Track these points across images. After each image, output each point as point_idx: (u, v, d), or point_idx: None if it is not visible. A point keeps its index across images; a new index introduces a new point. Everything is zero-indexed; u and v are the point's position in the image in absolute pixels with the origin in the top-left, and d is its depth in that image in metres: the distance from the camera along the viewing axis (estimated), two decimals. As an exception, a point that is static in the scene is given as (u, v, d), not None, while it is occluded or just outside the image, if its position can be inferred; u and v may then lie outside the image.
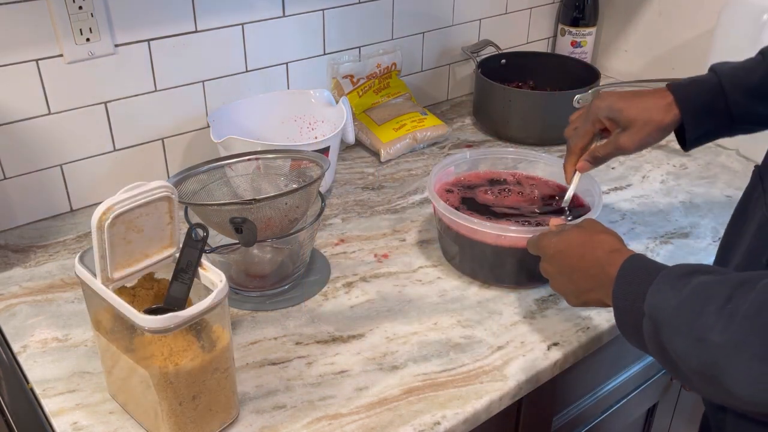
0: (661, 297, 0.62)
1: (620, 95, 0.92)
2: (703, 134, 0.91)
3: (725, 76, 0.87)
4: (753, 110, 0.87)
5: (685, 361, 0.59)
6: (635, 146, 0.91)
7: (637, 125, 0.90)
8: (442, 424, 0.77)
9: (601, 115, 0.92)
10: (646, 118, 0.89)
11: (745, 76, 0.87)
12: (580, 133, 0.95)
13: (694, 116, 0.89)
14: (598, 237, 0.77)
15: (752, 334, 0.54)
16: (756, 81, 0.86)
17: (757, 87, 0.86)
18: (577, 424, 1.06)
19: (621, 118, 0.90)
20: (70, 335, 0.88)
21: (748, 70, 0.87)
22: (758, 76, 0.86)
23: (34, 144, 1.06)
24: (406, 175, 1.28)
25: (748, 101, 0.87)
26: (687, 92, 0.89)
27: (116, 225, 0.66)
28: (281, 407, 0.78)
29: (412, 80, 1.49)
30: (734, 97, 0.87)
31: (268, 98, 1.22)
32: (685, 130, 0.91)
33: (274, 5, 1.21)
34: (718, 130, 0.90)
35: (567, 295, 0.80)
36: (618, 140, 0.91)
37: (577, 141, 0.96)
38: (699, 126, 0.89)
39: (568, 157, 0.97)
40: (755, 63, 0.88)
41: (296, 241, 0.94)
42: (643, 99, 0.90)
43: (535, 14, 1.65)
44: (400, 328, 0.90)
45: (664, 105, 0.89)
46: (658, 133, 0.90)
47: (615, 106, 0.91)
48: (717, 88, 0.87)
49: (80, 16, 1.01)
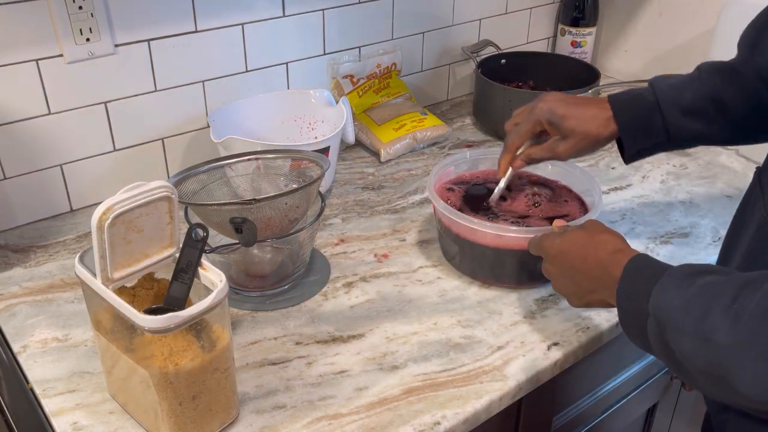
0: (666, 297, 0.62)
1: (563, 100, 0.94)
2: (640, 150, 0.93)
3: (662, 93, 0.89)
4: (688, 128, 0.89)
5: (691, 361, 0.59)
6: (570, 156, 0.94)
7: (575, 136, 0.92)
8: (442, 424, 0.77)
9: (543, 118, 0.94)
10: (585, 130, 0.91)
11: (680, 94, 0.89)
12: (520, 132, 0.97)
13: (632, 133, 0.91)
14: (600, 237, 0.77)
15: (759, 335, 0.54)
16: (691, 100, 0.88)
17: (690, 105, 0.88)
18: (577, 424, 1.06)
19: (561, 126, 0.92)
20: (70, 335, 0.88)
21: (684, 89, 0.89)
22: (693, 95, 0.88)
23: (34, 144, 1.06)
24: (406, 175, 1.28)
25: (683, 120, 0.89)
26: (626, 110, 0.91)
27: (116, 225, 0.66)
28: (281, 407, 0.78)
29: (412, 80, 1.49)
30: (670, 115, 0.89)
31: (268, 98, 1.22)
32: (623, 146, 0.93)
33: (274, 5, 1.21)
34: (656, 146, 0.92)
35: (569, 296, 0.80)
36: (555, 148, 0.94)
37: (515, 139, 0.97)
38: (636, 143, 0.92)
39: (504, 153, 0.99)
40: (690, 80, 0.90)
41: (296, 241, 0.94)
42: (585, 109, 0.92)
43: (535, 14, 1.65)
44: (400, 328, 0.90)
45: (604, 119, 0.91)
46: (595, 146, 0.93)
47: (557, 112, 0.92)
48: (654, 107, 0.89)
49: (80, 16, 1.01)
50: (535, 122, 0.94)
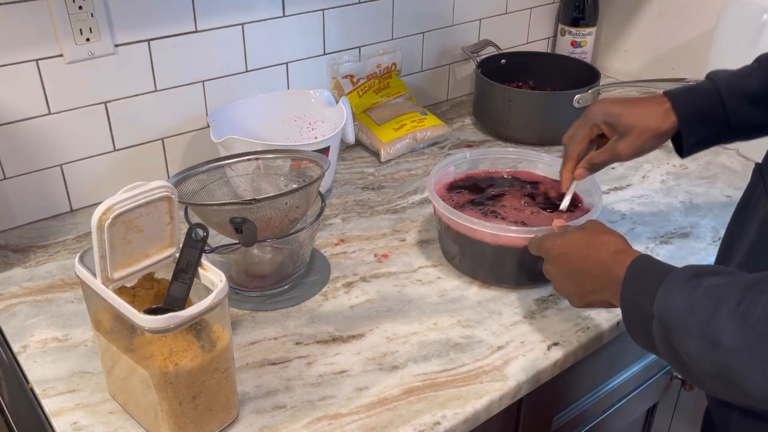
0: (671, 299, 0.62)
1: (617, 101, 0.92)
2: (699, 141, 0.91)
3: (722, 83, 0.87)
4: (750, 117, 0.87)
5: (697, 363, 0.59)
6: (633, 153, 0.91)
7: (634, 132, 0.89)
8: (442, 424, 0.77)
9: (599, 120, 0.92)
10: (643, 125, 0.89)
11: (742, 83, 0.87)
12: (578, 139, 0.94)
13: (692, 123, 0.89)
14: (602, 238, 0.77)
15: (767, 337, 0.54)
16: (753, 88, 0.86)
17: (754, 94, 0.86)
18: (577, 424, 1.06)
19: (619, 124, 0.90)
20: (70, 335, 0.88)
21: (745, 77, 0.87)
22: (755, 83, 0.86)
23: (34, 144, 1.06)
24: (406, 175, 1.28)
25: (745, 108, 0.87)
26: (684, 99, 0.89)
27: (116, 225, 0.66)
28: (281, 407, 0.78)
29: (412, 80, 1.49)
30: (731, 104, 0.87)
31: (268, 98, 1.22)
32: (682, 137, 0.91)
33: (274, 5, 1.21)
34: (716, 137, 0.90)
35: (570, 296, 0.80)
36: (616, 147, 0.91)
37: (575, 146, 0.95)
38: (696, 133, 0.90)
39: (566, 163, 0.96)
40: (752, 70, 0.88)
41: (296, 241, 0.94)
42: (641, 105, 0.90)
43: (535, 14, 1.65)
44: (400, 328, 0.90)
45: (662, 112, 0.89)
46: (656, 140, 0.90)
47: (612, 112, 0.90)
48: (714, 96, 0.87)
49: (80, 16, 1.01)
50: (592, 125, 0.92)
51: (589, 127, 0.93)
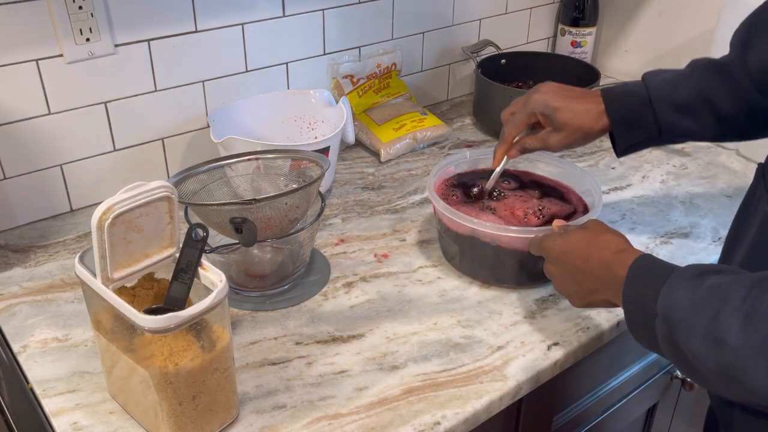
0: (675, 298, 0.62)
1: (557, 92, 0.95)
2: (632, 145, 0.94)
3: (654, 89, 0.90)
4: (679, 125, 0.90)
5: (702, 361, 0.59)
6: (561, 148, 0.95)
7: (567, 130, 0.93)
8: (442, 424, 0.77)
9: (537, 110, 0.94)
10: (577, 124, 0.92)
11: (673, 90, 0.89)
12: (516, 123, 0.97)
13: (623, 128, 0.92)
14: (603, 237, 0.77)
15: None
16: (682, 97, 0.88)
17: (683, 102, 0.88)
18: (577, 423, 1.06)
19: (554, 118, 0.93)
20: (70, 335, 0.88)
21: (676, 85, 0.89)
22: (684, 93, 0.88)
23: (34, 144, 1.06)
24: (406, 175, 1.28)
25: (675, 116, 0.89)
26: (618, 104, 0.92)
27: (116, 225, 0.66)
28: (281, 407, 0.78)
29: (412, 80, 1.49)
30: (662, 111, 0.89)
31: (268, 98, 1.22)
32: (615, 140, 0.94)
33: (274, 5, 1.21)
34: (647, 141, 0.93)
35: (572, 296, 0.80)
36: (548, 139, 0.95)
37: (512, 130, 0.98)
38: (628, 137, 0.93)
39: (501, 144, 1.00)
40: (683, 78, 0.90)
41: (296, 241, 0.94)
42: (578, 102, 0.93)
43: (535, 14, 1.65)
44: (400, 328, 0.90)
45: (596, 113, 0.92)
46: (586, 139, 0.94)
47: (551, 104, 0.93)
48: (645, 102, 0.90)
49: (80, 16, 1.01)
50: (530, 113, 0.95)
51: (527, 114, 0.96)
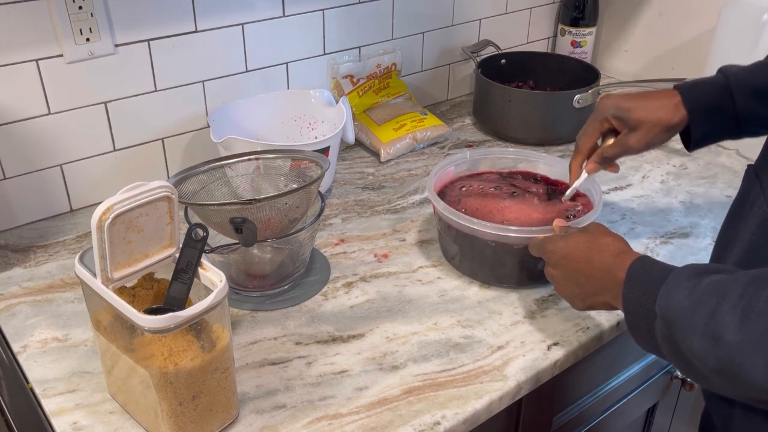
0: (673, 298, 0.62)
1: (627, 95, 0.92)
2: (707, 134, 0.90)
3: (732, 77, 0.87)
4: (759, 112, 0.87)
5: (701, 359, 0.59)
6: (643, 147, 0.91)
7: (645, 126, 0.89)
8: (442, 424, 0.77)
9: (609, 114, 0.92)
10: (654, 119, 0.89)
11: (752, 77, 0.86)
12: (588, 133, 0.95)
13: (701, 116, 0.89)
14: (603, 240, 0.77)
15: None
16: (762, 82, 0.86)
17: (763, 89, 0.86)
18: (577, 424, 1.06)
19: (629, 117, 0.90)
20: (70, 335, 0.88)
21: (756, 72, 0.87)
22: (764, 78, 0.86)
23: (34, 144, 1.06)
24: (406, 175, 1.28)
25: (754, 103, 0.86)
26: (695, 92, 0.89)
27: (116, 225, 0.66)
28: (281, 407, 0.78)
29: (412, 80, 1.49)
30: (740, 98, 0.86)
31: (268, 98, 1.22)
32: (690, 131, 0.90)
33: (274, 5, 1.21)
34: (724, 131, 0.90)
35: (572, 298, 0.80)
36: (626, 141, 0.91)
37: (585, 140, 0.95)
38: (704, 126, 0.89)
39: (575, 156, 0.97)
40: (762, 65, 0.88)
41: (296, 241, 0.94)
42: (651, 99, 0.90)
43: (535, 14, 1.65)
44: (400, 328, 0.90)
45: (672, 105, 0.89)
46: (666, 134, 0.90)
47: (623, 106, 0.90)
48: (724, 89, 0.87)
49: (80, 16, 1.01)
50: (602, 120, 0.93)
51: (600, 121, 0.93)
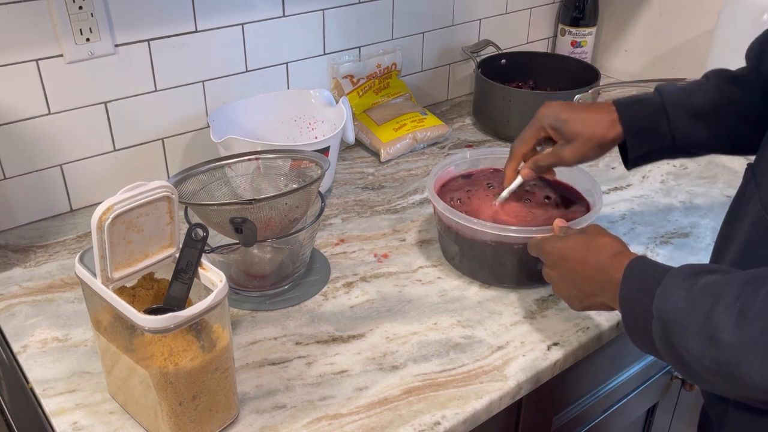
0: (669, 299, 0.62)
1: (567, 106, 0.92)
2: (644, 154, 0.91)
3: (669, 97, 0.88)
4: (694, 134, 0.88)
5: (698, 360, 0.60)
6: (576, 160, 0.92)
7: (580, 140, 0.90)
8: (442, 424, 0.77)
9: (546, 124, 0.92)
10: (589, 133, 0.89)
11: (688, 98, 0.88)
12: (524, 139, 0.95)
13: (637, 136, 0.90)
14: (600, 241, 0.77)
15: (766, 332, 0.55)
16: (698, 104, 0.87)
17: (698, 110, 0.87)
18: (577, 423, 1.06)
19: (565, 129, 0.90)
20: (70, 335, 0.88)
21: (691, 93, 0.88)
22: (700, 100, 0.87)
23: (34, 144, 1.06)
24: (406, 175, 1.28)
25: (689, 124, 0.88)
26: (631, 111, 0.89)
27: (116, 225, 0.66)
28: (281, 407, 0.78)
29: (412, 80, 1.49)
30: (676, 118, 0.87)
31: (268, 98, 1.22)
32: (627, 149, 0.91)
33: (274, 5, 1.21)
34: (660, 151, 0.91)
35: (570, 299, 0.81)
36: (561, 153, 0.92)
37: (520, 146, 0.96)
38: (641, 146, 0.90)
39: (510, 160, 0.97)
40: (698, 86, 0.89)
41: (296, 241, 0.94)
42: (589, 113, 0.91)
43: (535, 14, 1.65)
44: (400, 328, 0.90)
45: (608, 121, 0.89)
46: (600, 149, 0.91)
47: (560, 117, 0.91)
48: (660, 110, 0.88)
49: (80, 16, 1.01)
50: (539, 128, 0.93)
51: (536, 129, 0.94)
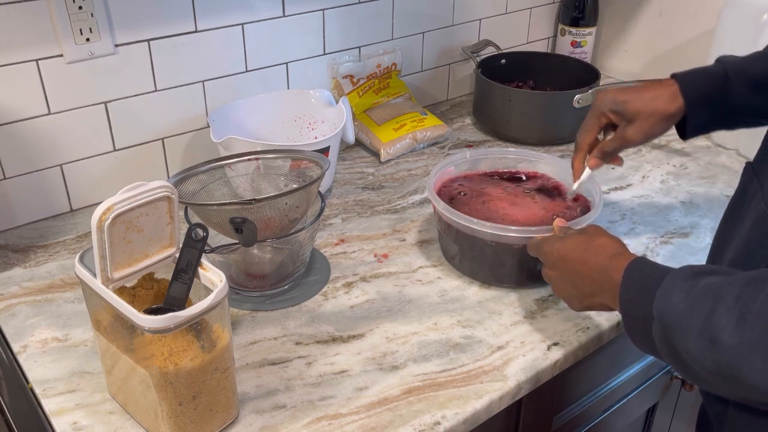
0: (669, 300, 0.62)
1: (623, 88, 0.92)
2: (703, 123, 0.90)
3: (730, 66, 0.87)
4: (756, 102, 0.87)
5: (698, 361, 0.60)
6: (642, 138, 0.91)
7: (642, 117, 0.89)
8: (442, 424, 0.77)
9: (605, 109, 0.92)
10: (651, 108, 0.89)
11: (750, 68, 0.86)
12: (587, 128, 0.95)
13: (698, 106, 0.88)
14: (599, 241, 0.77)
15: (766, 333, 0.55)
16: (760, 72, 0.86)
17: (761, 78, 0.86)
18: (577, 423, 1.06)
19: (625, 110, 0.90)
20: (70, 335, 0.88)
21: (754, 62, 0.87)
22: (762, 68, 0.86)
23: (34, 144, 1.06)
24: (406, 175, 1.27)
25: (752, 93, 0.86)
26: (691, 81, 0.88)
27: (116, 225, 0.66)
28: (281, 407, 0.78)
29: (412, 80, 1.49)
30: (738, 88, 0.86)
31: (268, 98, 1.22)
32: (687, 120, 0.90)
33: (274, 5, 1.21)
34: (720, 121, 0.90)
35: (570, 299, 0.81)
36: (625, 133, 0.91)
37: (584, 136, 0.95)
38: (701, 116, 0.89)
39: (576, 153, 0.97)
40: (761, 55, 0.88)
41: (296, 241, 0.94)
42: (647, 90, 0.90)
43: (535, 14, 1.65)
44: (400, 328, 0.90)
45: (669, 94, 0.88)
46: (664, 123, 0.90)
47: (619, 99, 0.90)
48: (722, 78, 0.87)
49: (80, 16, 1.01)
50: (599, 114, 0.93)
51: (597, 116, 0.93)
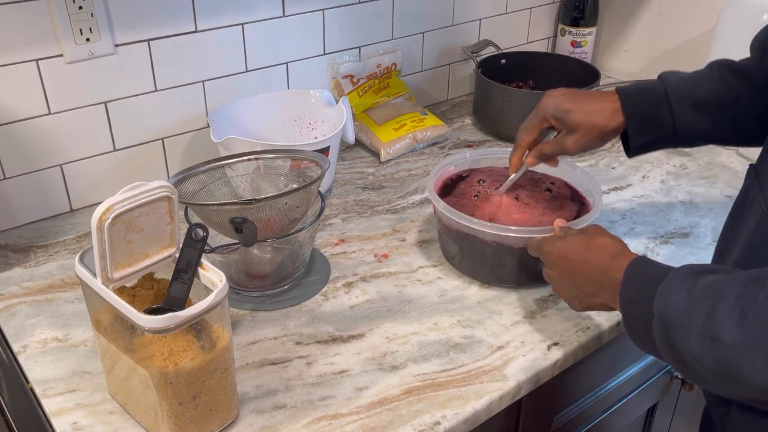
0: (670, 299, 0.62)
1: (570, 95, 0.93)
2: (646, 143, 0.92)
3: (671, 86, 0.88)
4: (696, 124, 0.88)
5: (699, 360, 0.60)
6: (579, 150, 0.93)
7: (582, 129, 0.91)
8: (442, 424, 0.77)
9: (548, 114, 0.93)
10: (591, 123, 0.90)
11: (691, 88, 0.88)
12: (527, 128, 0.96)
13: (639, 125, 0.90)
14: (600, 241, 0.77)
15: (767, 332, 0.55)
16: (701, 95, 0.87)
17: (701, 101, 0.87)
18: (577, 423, 1.06)
19: (567, 119, 0.91)
20: (70, 335, 0.88)
21: (695, 83, 0.88)
22: (704, 90, 0.87)
23: (34, 144, 1.06)
24: (406, 175, 1.28)
25: (691, 114, 0.88)
26: (633, 99, 0.90)
27: (116, 225, 0.66)
28: (281, 407, 0.78)
29: (412, 80, 1.49)
30: (679, 109, 0.88)
31: (268, 98, 1.22)
32: (629, 138, 0.92)
33: (274, 5, 1.21)
34: (661, 140, 0.91)
35: (571, 299, 0.81)
36: (563, 142, 0.93)
37: (524, 136, 0.97)
38: (642, 135, 0.91)
39: (515, 150, 0.99)
40: (702, 76, 0.89)
41: (296, 241, 0.94)
42: (591, 102, 0.91)
43: (535, 14, 1.65)
44: (400, 328, 0.90)
45: (611, 110, 0.90)
46: (602, 138, 0.92)
47: (562, 107, 0.91)
48: (662, 99, 0.88)
49: (80, 16, 1.01)
50: (542, 118, 0.94)
51: (539, 119, 0.95)
